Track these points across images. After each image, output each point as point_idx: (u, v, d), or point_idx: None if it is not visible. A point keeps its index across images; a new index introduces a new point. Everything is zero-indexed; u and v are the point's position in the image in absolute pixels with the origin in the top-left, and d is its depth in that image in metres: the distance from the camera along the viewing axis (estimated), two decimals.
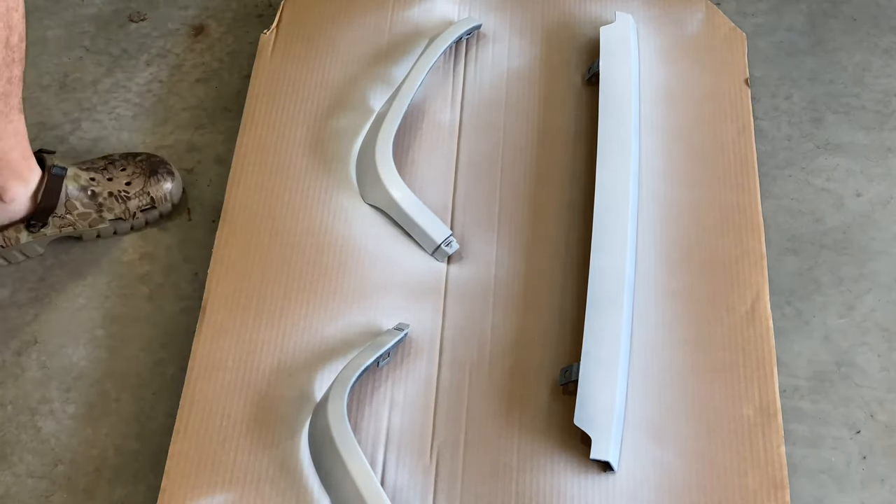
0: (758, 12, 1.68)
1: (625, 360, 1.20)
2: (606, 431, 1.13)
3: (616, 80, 1.42)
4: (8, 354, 1.31)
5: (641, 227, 1.32)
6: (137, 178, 1.39)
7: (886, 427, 1.25)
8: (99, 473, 1.22)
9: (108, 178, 1.38)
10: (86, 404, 1.27)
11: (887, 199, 1.46)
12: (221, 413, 1.18)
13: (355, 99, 1.45)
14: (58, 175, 1.32)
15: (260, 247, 1.31)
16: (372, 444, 1.17)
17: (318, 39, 1.51)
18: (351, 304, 1.27)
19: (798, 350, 1.31)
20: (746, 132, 1.41)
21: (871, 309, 1.35)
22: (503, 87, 1.48)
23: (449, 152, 1.41)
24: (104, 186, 1.37)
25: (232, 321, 1.25)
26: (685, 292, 1.27)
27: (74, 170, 1.36)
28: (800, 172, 1.49)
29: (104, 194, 1.37)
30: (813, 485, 1.21)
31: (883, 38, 1.65)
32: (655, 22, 1.54)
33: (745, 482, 1.13)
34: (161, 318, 1.33)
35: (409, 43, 1.50)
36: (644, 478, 1.13)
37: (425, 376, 1.22)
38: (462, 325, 1.26)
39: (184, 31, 1.64)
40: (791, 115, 1.55)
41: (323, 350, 1.23)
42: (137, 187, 1.38)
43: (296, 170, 1.38)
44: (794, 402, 1.27)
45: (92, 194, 1.36)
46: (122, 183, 1.38)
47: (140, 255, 1.40)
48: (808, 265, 1.39)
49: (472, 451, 1.16)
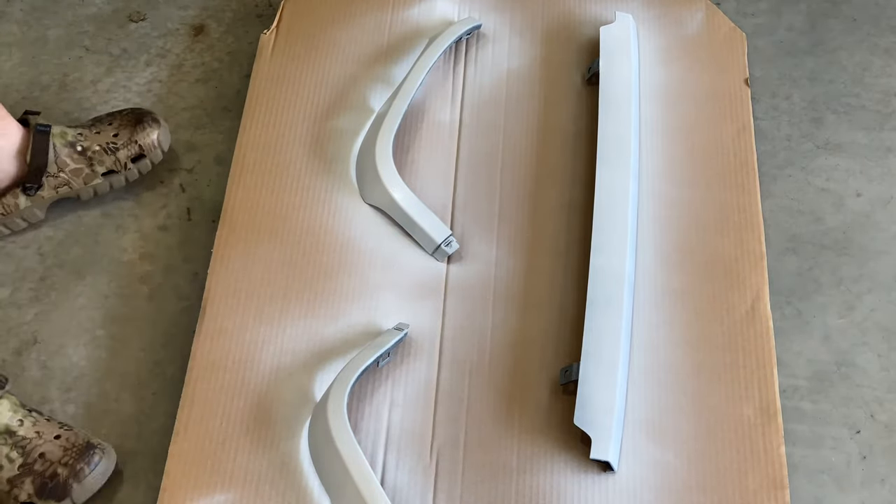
0: (758, 12, 1.68)
1: (625, 360, 1.20)
2: (606, 431, 1.13)
3: (616, 80, 1.42)
4: (8, 354, 1.31)
5: (641, 227, 1.32)
6: (124, 129, 1.39)
7: (886, 427, 1.25)
8: None
9: (95, 133, 1.39)
10: (86, 404, 1.27)
11: (887, 199, 1.46)
12: (221, 413, 1.18)
13: (355, 99, 1.45)
14: (42, 132, 1.34)
15: (260, 247, 1.31)
16: (372, 444, 1.17)
17: (318, 39, 1.51)
18: (351, 304, 1.27)
19: (798, 350, 1.31)
20: (746, 132, 1.41)
21: (871, 309, 1.35)
22: (503, 87, 1.48)
23: (449, 152, 1.41)
24: (92, 140, 1.38)
25: (232, 321, 1.25)
26: (685, 292, 1.27)
27: (61, 128, 1.37)
28: (800, 172, 1.49)
29: (93, 148, 1.37)
30: (813, 485, 1.21)
31: (883, 38, 1.65)
32: (655, 22, 1.54)
33: (745, 482, 1.12)
34: (161, 318, 1.33)
35: (409, 43, 1.50)
36: (644, 478, 1.13)
37: (425, 376, 1.22)
38: (462, 325, 1.26)
39: (184, 31, 1.64)
40: (791, 115, 1.55)
41: (323, 350, 1.23)
42: (125, 137, 1.39)
43: (296, 170, 1.38)
44: (794, 402, 1.27)
45: (81, 150, 1.37)
46: (109, 135, 1.39)
47: (140, 255, 1.40)
48: (808, 265, 1.39)
49: (472, 451, 1.16)
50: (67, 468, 1.18)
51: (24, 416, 1.21)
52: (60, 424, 1.22)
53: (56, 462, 1.18)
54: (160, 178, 1.48)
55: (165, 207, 1.45)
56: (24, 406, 1.22)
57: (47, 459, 1.18)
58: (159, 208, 1.45)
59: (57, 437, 1.20)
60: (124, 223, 1.43)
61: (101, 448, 1.20)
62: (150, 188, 1.47)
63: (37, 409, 1.23)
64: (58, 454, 1.19)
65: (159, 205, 1.46)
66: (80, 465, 1.18)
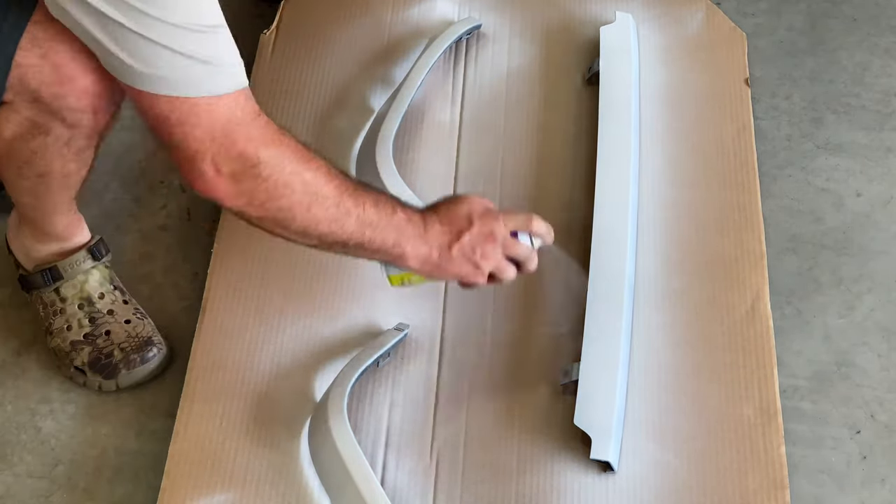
0: (758, 12, 1.68)
1: (625, 360, 1.20)
2: (606, 431, 1.13)
3: (616, 80, 1.42)
4: (8, 354, 1.31)
5: (641, 226, 1.32)
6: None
7: (886, 427, 1.25)
8: (99, 473, 1.22)
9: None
10: (86, 404, 1.27)
11: (887, 199, 1.46)
12: (221, 413, 1.18)
13: (355, 99, 1.45)
14: None
15: (260, 247, 1.31)
16: (372, 444, 1.17)
17: (318, 39, 1.51)
18: (351, 304, 1.27)
19: (798, 350, 1.31)
20: (746, 132, 1.41)
21: (871, 309, 1.35)
22: (503, 87, 1.48)
23: (449, 152, 1.41)
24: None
25: (232, 321, 1.25)
26: (685, 292, 1.27)
27: None
28: (800, 172, 1.49)
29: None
30: (813, 485, 1.21)
31: (883, 38, 1.65)
32: (655, 22, 1.54)
33: (745, 482, 1.12)
34: (161, 318, 1.33)
35: (409, 43, 1.50)
36: (644, 478, 1.13)
37: (425, 376, 1.22)
38: (462, 325, 1.26)
39: None
40: (791, 114, 1.55)
41: (323, 350, 1.23)
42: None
43: None
44: (794, 402, 1.27)
45: None
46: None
47: (140, 255, 1.40)
48: (808, 265, 1.39)
49: (472, 451, 1.16)
50: (123, 353, 1.26)
51: (109, 291, 1.29)
52: (136, 311, 1.29)
53: (116, 344, 1.26)
54: (160, 177, 1.48)
55: (165, 207, 1.45)
56: (113, 282, 1.30)
57: (110, 338, 1.26)
58: (159, 208, 1.45)
59: (127, 322, 1.28)
60: (124, 223, 1.43)
61: (158, 347, 1.27)
62: (150, 188, 1.47)
63: (122, 289, 1.31)
64: (121, 337, 1.26)
65: (159, 205, 1.46)
66: (134, 356, 1.25)
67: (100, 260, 1.29)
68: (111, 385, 1.26)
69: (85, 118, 1.06)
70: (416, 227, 1.07)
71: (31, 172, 1.12)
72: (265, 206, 1.00)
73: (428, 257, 1.07)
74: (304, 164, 1.00)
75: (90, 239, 1.29)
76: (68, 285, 1.27)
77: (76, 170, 1.13)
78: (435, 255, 1.07)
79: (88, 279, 1.28)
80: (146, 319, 1.29)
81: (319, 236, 1.03)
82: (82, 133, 1.08)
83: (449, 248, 1.07)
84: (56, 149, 1.09)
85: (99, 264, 1.28)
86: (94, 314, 1.27)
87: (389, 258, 1.08)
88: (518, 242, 1.11)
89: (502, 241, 1.09)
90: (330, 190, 1.01)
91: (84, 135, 1.08)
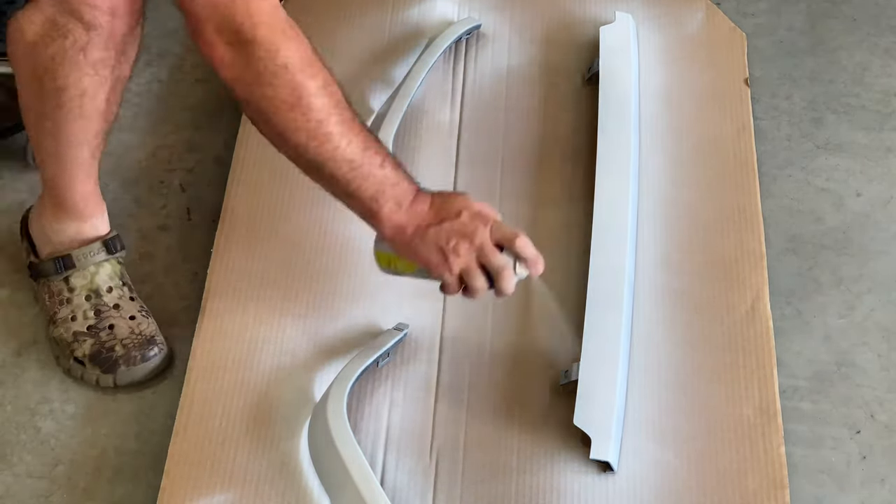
0: (758, 12, 1.68)
1: (625, 360, 1.20)
2: (606, 431, 1.13)
3: (616, 80, 1.42)
4: (8, 354, 1.31)
5: (641, 226, 1.32)
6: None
7: (886, 427, 1.25)
8: (99, 473, 1.22)
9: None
10: (86, 404, 1.27)
11: (887, 199, 1.46)
12: (221, 413, 1.18)
13: (355, 99, 1.44)
14: None
15: (260, 247, 1.31)
16: (372, 444, 1.17)
17: (317, 39, 1.50)
18: (351, 304, 1.27)
19: (798, 350, 1.31)
20: (746, 132, 1.41)
21: (871, 309, 1.35)
22: (503, 87, 1.48)
23: (449, 152, 1.41)
24: None
25: (232, 321, 1.25)
26: (685, 292, 1.27)
27: None
28: (800, 172, 1.49)
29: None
30: (813, 485, 1.21)
31: (883, 38, 1.65)
32: (655, 22, 1.54)
33: (745, 482, 1.12)
34: (161, 317, 1.32)
35: (409, 43, 1.50)
36: (644, 478, 1.13)
37: (425, 376, 1.22)
38: (462, 325, 1.26)
39: (184, 31, 1.64)
40: (791, 115, 1.55)
41: (323, 350, 1.23)
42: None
43: (296, 169, 1.36)
44: (794, 402, 1.27)
45: None
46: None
47: (140, 255, 1.40)
48: (808, 265, 1.39)
49: (472, 451, 1.16)
50: (125, 349, 1.25)
51: (117, 286, 1.29)
52: (141, 308, 1.29)
53: (119, 339, 1.26)
54: (160, 177, 1.48)
55: (165, 207, 1.45)
56: (122, 278, 1.30)
57: (113, 333, 1.26)
58: (159, 208, 1.45)
59: (132, 318, 1.27)
60: (124, 223, 1.43)
61: (160, 347, 1.27)
62: (150, 188, 1.47)
63: (130, 286, 1.30)
64: (124, 333, 1.26)
65: (159, 205, 1.46)
66: (135, 353, 1.25)
67: (114, 254, 1.29)
68: (108, 380, 1.26)
69: (103, 18, 1.08)
70: (402, 195, 1.06)
71: (51, 85, 1.12)
72: (251, 89, 1.02)
73: (402, 229, 1.07)
74: (303, 65, 1.02)
75: (108, 232, 1.29)
76: (78, 275, 1.27)
77: (91, 92, 1.13)
78: (410, 230, 1.06)
79: (99, 271, 1.28)
80: (150, 318, 1.29)
81: (296, 147, 1.04)
82: (100, 38, 1.10)
83: (426, 229, 1.06)
84: (73, 55, 1.10)
85: (112, 258, 1.28)
86: (101, 307, 1.27)
87: (364, 213, 1.08)
88: (495, 252, 1.06)
89: (480, 245, 1.06)
90: (319, 102, 1.02)
91: (101, 42, 1.10)
